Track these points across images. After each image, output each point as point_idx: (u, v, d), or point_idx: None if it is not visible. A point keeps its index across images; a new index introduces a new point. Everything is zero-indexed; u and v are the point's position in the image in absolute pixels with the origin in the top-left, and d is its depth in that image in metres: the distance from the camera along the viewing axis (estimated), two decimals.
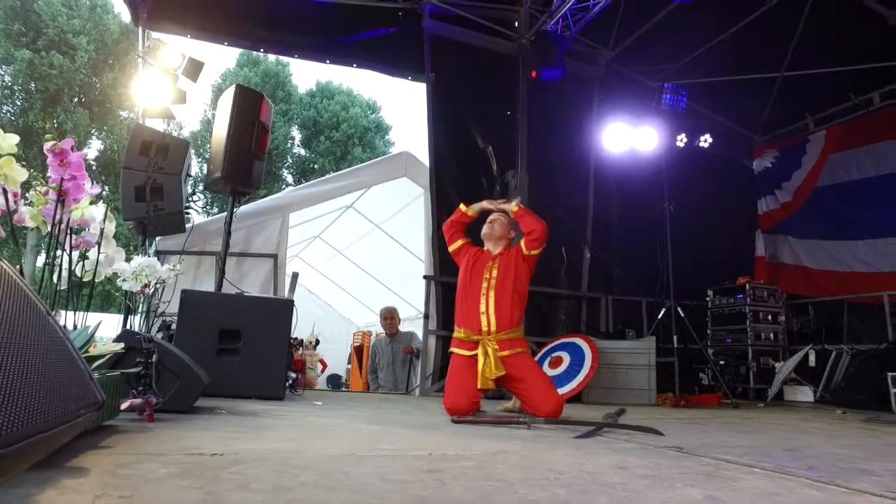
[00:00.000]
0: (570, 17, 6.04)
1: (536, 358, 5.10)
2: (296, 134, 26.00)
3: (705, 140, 6.56)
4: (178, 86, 5.20)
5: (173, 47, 5.19)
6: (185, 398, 2.38)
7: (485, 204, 3.41)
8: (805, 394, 5.79)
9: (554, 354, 5.01)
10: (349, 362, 8.68)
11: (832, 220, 7.00)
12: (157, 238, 5.18)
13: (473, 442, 2.14)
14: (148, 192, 3.93)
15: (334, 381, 8.92)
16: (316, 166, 24.90)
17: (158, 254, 5.26)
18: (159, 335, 3.76)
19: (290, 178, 25.48)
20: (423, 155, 6.31)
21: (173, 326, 3.86)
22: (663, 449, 2.07)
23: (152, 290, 2.89)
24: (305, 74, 56.66)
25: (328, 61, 6.55)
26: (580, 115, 6.86)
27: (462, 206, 3.45)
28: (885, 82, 6.70)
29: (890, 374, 4.48)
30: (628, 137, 6.28)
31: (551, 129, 6.61)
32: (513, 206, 3.32)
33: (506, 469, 1.59)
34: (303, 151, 26.15)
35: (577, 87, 6.86)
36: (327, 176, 7.73)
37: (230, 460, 1.47)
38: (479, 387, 3.01)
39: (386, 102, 49.78)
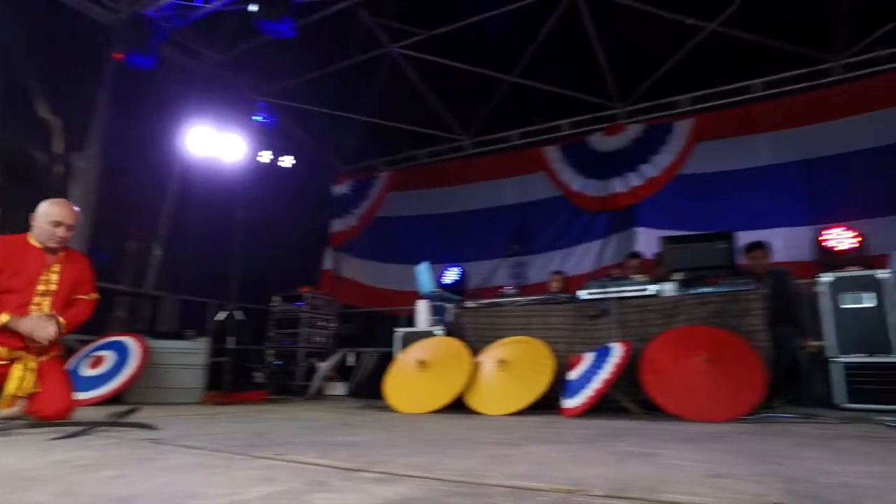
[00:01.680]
0: (175, 9, 5.91)
1: (76, 357, 4.76)
2: None
3: (288, 160, 7.24)
4: None
5: None
6: None
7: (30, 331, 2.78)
8: (340, 389, 6.92)
9: (96, 354, 4.76)
10: None
11: (382, 245, 8.67)
12: None
13: None
14: None
15: None
16: None
17: None
18: None
19: None
20: None
21: None
22: (141, 441, 2.30)
23: None
24: None
25: None
26: (175, 110, 6.68)
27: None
28: (429, 145, 8.70)
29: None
30: (219, 144, 6.48)
31: (139, 117, 6.27)
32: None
33: None
34: None
35: (177, 80, 6.70)
36: None
37: None
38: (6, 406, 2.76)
39: None
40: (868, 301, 4.19)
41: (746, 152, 6.65)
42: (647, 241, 6.43)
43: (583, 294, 4.54)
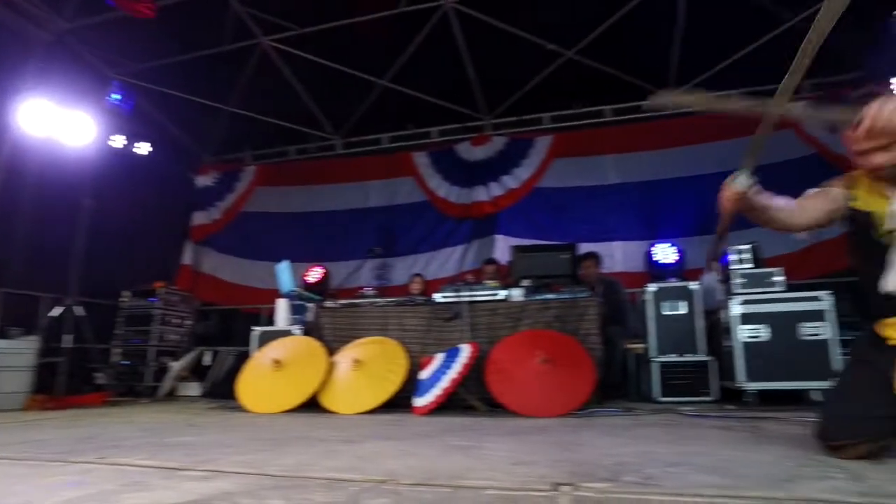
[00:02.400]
0: None
1: None
2: None
3: (145, 147, 6.77)
4: None
5: None
6: None
7: None
8: (195, 389, 6.60)
9: None
10: None
11: (245, 241, 8.37)
12: None
13: None
14: None
15: None
16: None
17: None
18: None
19: None
20: None
21: None
22: None
23: None
24: None
25: None
26: (8, 80, 5.98)
27: None
28: (300, 141, 8.58)
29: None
30: (61, 123, 5.87)
31: None
32: None
33: None
34: None
35: (11, 45, 6.02)
36: None
37: None
38: None
39: None
40: (682, 308, 4.82)
41: (596, 171, 7.32)
42: (505, 248, 6.82)
43: (437, 297, 4.74)
